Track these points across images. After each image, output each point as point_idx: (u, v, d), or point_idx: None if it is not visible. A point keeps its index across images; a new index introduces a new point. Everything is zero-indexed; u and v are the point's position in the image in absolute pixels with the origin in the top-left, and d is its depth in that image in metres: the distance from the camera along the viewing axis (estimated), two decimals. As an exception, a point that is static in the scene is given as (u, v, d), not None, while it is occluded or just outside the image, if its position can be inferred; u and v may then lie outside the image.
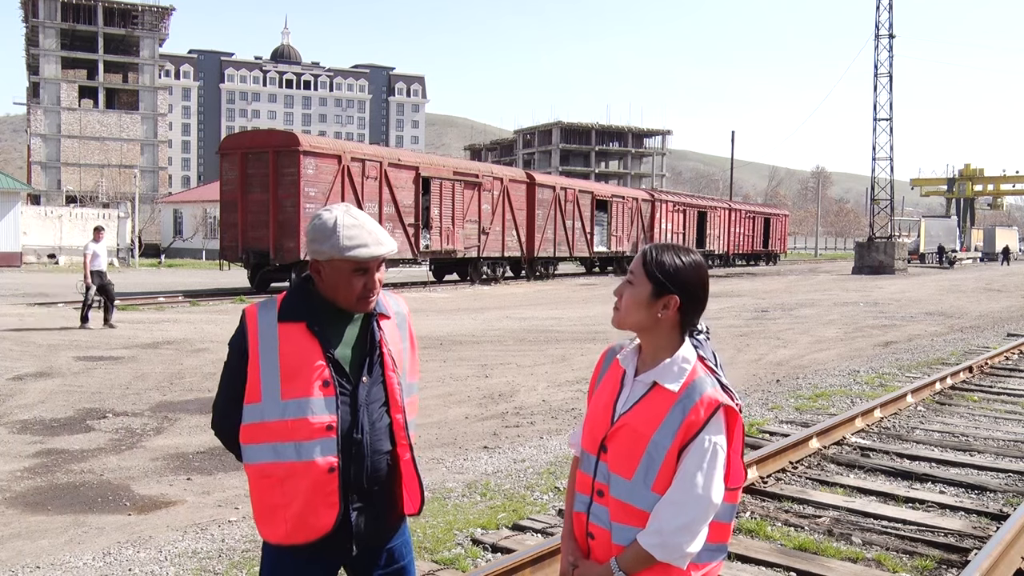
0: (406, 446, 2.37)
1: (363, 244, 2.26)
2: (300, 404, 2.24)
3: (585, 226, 37.93)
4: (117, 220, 46.13)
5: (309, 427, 2.24)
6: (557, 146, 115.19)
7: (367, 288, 2.29)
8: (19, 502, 5.78)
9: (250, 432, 2.28)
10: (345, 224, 2.27)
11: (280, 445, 2.25)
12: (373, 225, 2.32)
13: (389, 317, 2.42)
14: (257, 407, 2.27)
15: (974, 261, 68.73)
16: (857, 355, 13.32)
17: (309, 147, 24.57)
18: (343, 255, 2.25)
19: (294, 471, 2.25)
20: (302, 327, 2.28)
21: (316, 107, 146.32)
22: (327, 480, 2.24)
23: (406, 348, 2.45)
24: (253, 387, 2.28)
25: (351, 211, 2.32)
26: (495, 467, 6.64)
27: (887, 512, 5.54)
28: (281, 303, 2.33)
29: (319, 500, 2.25)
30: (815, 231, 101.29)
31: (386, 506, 2.39)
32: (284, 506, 2.27)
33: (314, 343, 2.27)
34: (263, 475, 2.29)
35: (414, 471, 2.39)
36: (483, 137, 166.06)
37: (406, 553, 2.49)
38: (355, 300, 2.31)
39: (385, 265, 2.37)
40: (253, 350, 2.28)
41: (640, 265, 2.13)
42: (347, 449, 2.27)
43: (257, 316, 2.32)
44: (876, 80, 43.71)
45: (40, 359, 11.70)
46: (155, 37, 76.60)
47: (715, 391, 2.03)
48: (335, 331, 2.32)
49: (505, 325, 16.46)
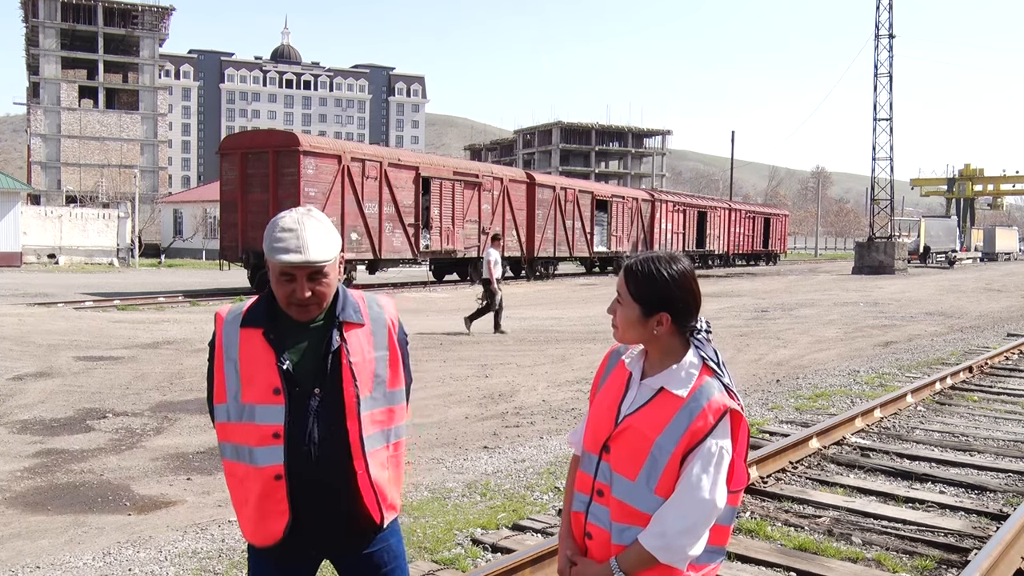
0: (360, 459, 2.29)
1: (284, 249, 2.21)
2: (253, 409, 2.26)
3: (585, 226, 37.92)
4: (117, 220, 46.08)
5: (259, 432, 2.26)
6: (557, 146, 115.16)
7: (294, 295, 2.25)
8: (19, 502, 5.78)
9: (220, 430, 2.34)
10: (280, 226, 2.25)
11: (239, 446, 2.30)
12: (313, 232, 2.24)
13: (361, 325, 2.35)
14: (223, 407, 2.32)
15: (974, 261, 68.62)
16: (857, 355, 13.32)
17: (309, 147, 24.57)
18: (269, 257, 2.25)
19: (248, 474, 2.29)
20: (259, 333, 2.29)
21: (316, 107, 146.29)
22: (275, 487, 2.26)
23: (382, 356, 2.36)
24: (220, 388, 2.32)
25: (301, 214, 2.27)
26: (495, 467, 6.64)
27: (887, 512, 5.54)
28: (248, 308, 2.35)
29: (269, 506, 2.27)
30: (815, 231, 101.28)
31: (345, 516, 2.33)
32: (243, 504, 2.33)
33: (268, 350, 2.27)
34: (229, 472, 2.35)
35: (369, 484, 2.31)
36: (483, 137, 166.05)
37: (389, 560, 2.45)
38: (286, 306, 2.28)
39: (333, 275, 2.29)
40: (219, 353, 2.33)
41: (624, 287, 2.13)
42: (293, 458, 2.26)
43: (224, 320, 2.35)
44: (876, 80, 43.71)
45: (40, 359, 11.70)
46: (155, 37, 76.56)
47: (722, 395, 2.03)
48: (293, 339, 2.30)
49: (505, 325, 16.46)
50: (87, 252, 44.90)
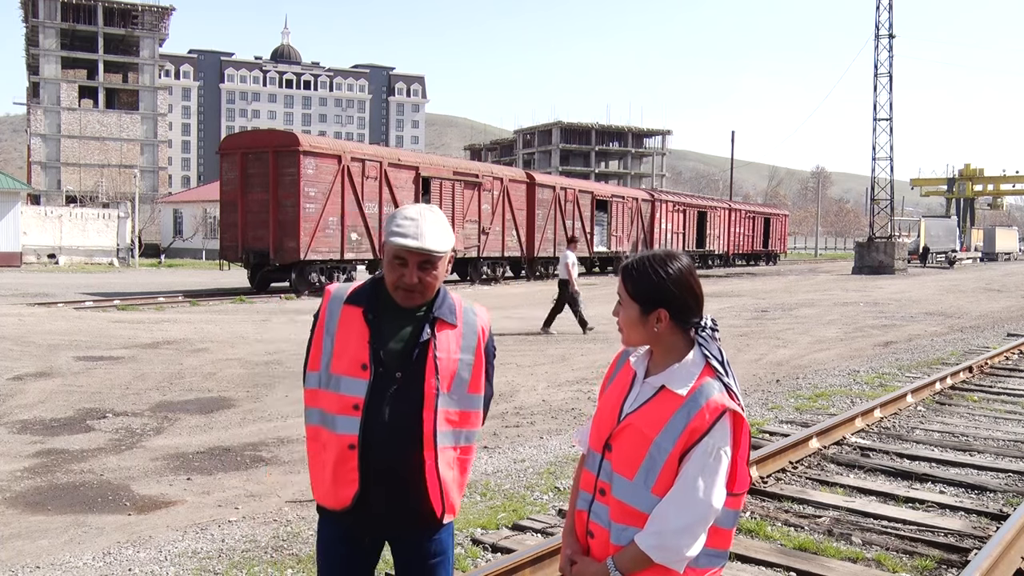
0: (432, 450, 2.41)
1: (403, 234, 2.37)
2: (339, 380, 2.43)
3: (585, 226, 37.93)
4: (117, 220, 46.06)
5: (340, 402, 2.42)
6: (557, 146, 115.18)
7: (403, 279, 2.40)
8: (19, 502, 5.78)
9: (308, 396, 2.52)
10: (403, 215, 2.43)
11: (325, 413, 2.46)
12: (432, 224, 2.40)
13: (454, 326, 2.48)
14: (315, 375, 2.49)
15: (974, 261, 68.59)
16: (857, 355, 13.32)
17: (309, 147, 24.56)
18: (386, 240, 2.42)
19: (329, 439, 2.45)
20: (360, 312, 2.46)
21: (316, 107, 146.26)
22: (348, 455, 2.41)
23: (468, 360, 2.49)
24: (315, 356, 2.50)
25: (423, 208, 2.46)
26: (495, 467, 6.64)
27: (887, 512, 5.54)
28: (355, 288, 2.53)
29: (343, 473, 2.42)
30: (815, 231, 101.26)
31: (408, 501, 2.44)
32: (321, 468, 2.48)
33: (364, 328, 2.44)
34: (313, 437, 2.51)
35: (436, 477, 2.42)
36: (483, 137, 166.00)
37: (438, 552, 2.56)
38: (393, 289, 2.44)
39: (442, 268, 2.44)
40: (320, 324, 2.50)
41: (622, 287, 2.15)
42: (368, 431, 2.40)
43: (331, 295, 2.53)
44: (876, 80, 43.71)
45: (40, 359, 11.70)
46: (155, 37, 76.56)
47: (722, 396, 2.02)
48: (390, 324, 2.46)
49: (505, 325, 16.46)
50: (87, 252, 44.90)
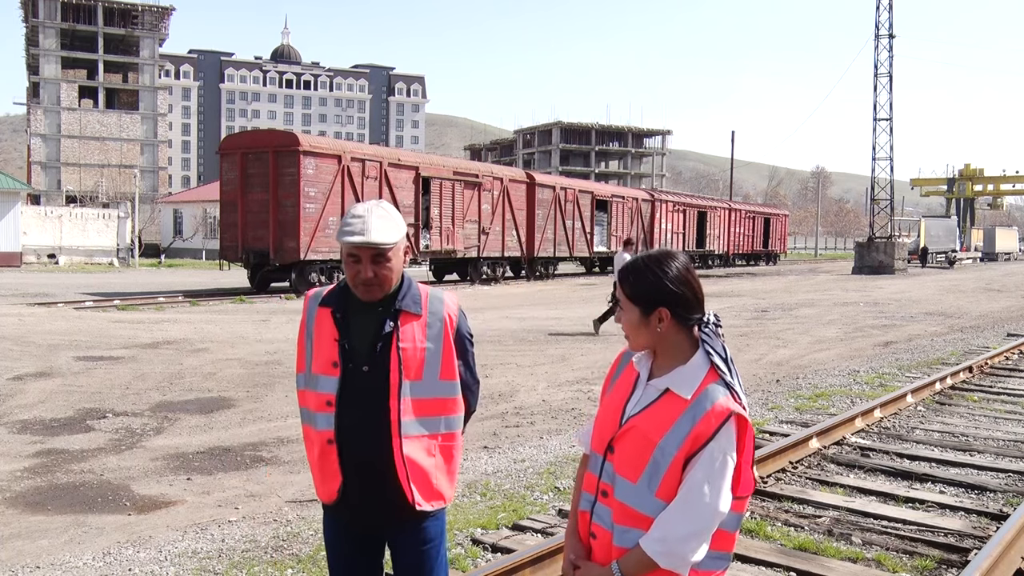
0: (398, 440, 2.51)
1: (351, 231, 2.47)
2: (317, 379, 2.58)
3: (585, 226, 37.93)
4: (117, 220, 46.08)
5: (318, 399, 2.57)
6: (557, 146, 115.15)
7: (360, 275, 2.51)
8: (19, 502, 5.78)
9: (299, 396, 2.68)
10: (351, 213, 2.53)
11: (309, 411, 2.62)
12: (378, 219, 2.49)
13: (419, 316, 2.58)
14: (302, 376, 2.65)
15: (974, 261, 68.59)
16: (857, 355, 13.32)
17: (309, 147, 24.57)
18: (338, 239, 2.52)
19: (314, 437, 2.60)
20: (329, 312, 2.59)
21: (316, 107, 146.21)
22: (328, 450, 2.55)
23: (435, 348, 2.58)
24: (300, 358, 2.66)
25: (372, 204, 2.54)
26: (495, 467, 6.64)
27: (887, 512, 5.54)
28: (328, 290, 2.66)
29: (327, 467, 2.57)
30: (815, 231, 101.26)
31: (384, 491, 2.54)
32: (313, 463, 2.64)
33: (334, 328, 2.57)
34: (305, 435, 2.67)
35: (403, 464, 2.51)
36: (483, 137, 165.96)
37: (425, 540, 2.65)
38: (354, 286, 2.55)
39: (396, 260, 2.53)
40: (302, 327, 2.66)
41: (621, 291, 2.14)
42: (341, 425, 2.54)
43: (309, 299, 2.68)
44: (876, 80, 43.71)
45: (40, 359, 11.70)
46: (155, 37, 76.54)
47: (727, 400, 2.01)
48: (357, 321, 2.57)
49: (505, 325, 16.46)
50: (87, 252, 44.90)
